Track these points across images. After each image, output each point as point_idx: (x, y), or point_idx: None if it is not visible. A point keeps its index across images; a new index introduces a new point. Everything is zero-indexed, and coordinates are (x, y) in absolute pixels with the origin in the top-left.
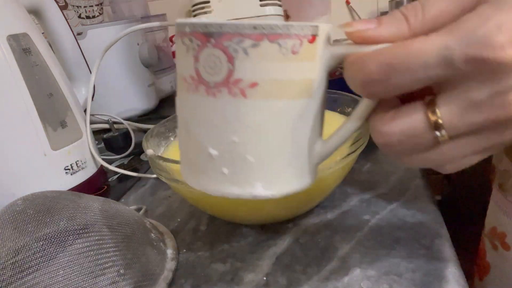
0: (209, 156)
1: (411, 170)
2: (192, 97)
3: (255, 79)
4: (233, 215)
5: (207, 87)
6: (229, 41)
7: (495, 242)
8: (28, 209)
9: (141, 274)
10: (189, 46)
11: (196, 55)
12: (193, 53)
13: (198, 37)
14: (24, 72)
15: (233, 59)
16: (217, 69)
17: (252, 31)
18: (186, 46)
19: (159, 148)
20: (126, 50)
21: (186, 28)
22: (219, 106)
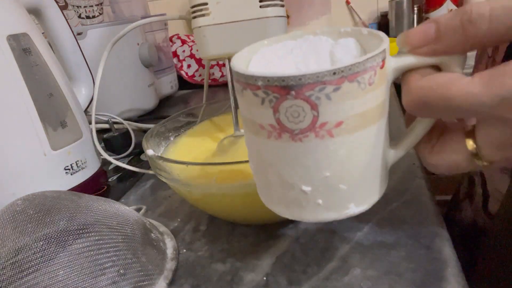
0: (302, 192)
1: (411, 170)
2: (275, 144)
3: (340, 118)
4: (233, 215)
5: (291, 134)
6: (310, 91)
7: None
8: (28, 209)
9: (141, 274)
10: (264, 98)
11: (275, 107)
12: (270, 105)
13: (276, 90)
14: (24, 72)
15: (316, 106)
16: (301, 117)
17: (332, 77)
18: (260, 98)
19: (159, 148)
20: (126, 50)
21: (258, 82)
22: (307, 149)
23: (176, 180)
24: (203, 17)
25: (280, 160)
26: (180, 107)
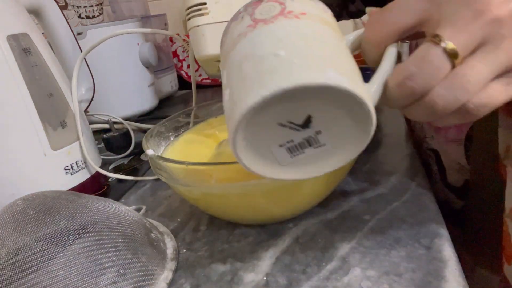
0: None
1: (411, 170)
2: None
3: (303, 10)
4: (233, 215)
5: (265, 21)
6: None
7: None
8: (28, 209)
9: (141, 274)
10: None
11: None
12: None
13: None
14: (24, 72)
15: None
16: (272, 11)
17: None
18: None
19: (159, 148)
20: (126, 50)
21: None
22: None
23: (176, 180)
24: (201, 16)
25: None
26: (180, 107)
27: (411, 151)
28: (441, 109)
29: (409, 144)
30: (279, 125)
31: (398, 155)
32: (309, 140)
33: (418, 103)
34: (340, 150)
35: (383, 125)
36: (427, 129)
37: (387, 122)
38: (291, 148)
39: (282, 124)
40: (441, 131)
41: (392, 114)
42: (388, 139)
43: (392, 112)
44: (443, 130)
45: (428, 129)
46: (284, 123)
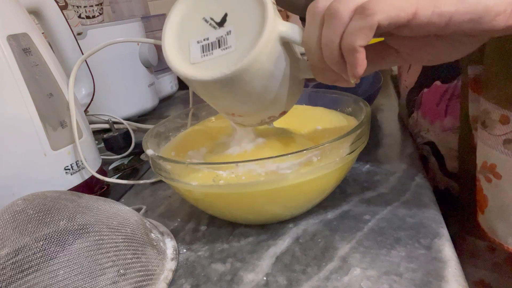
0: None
1: (411, 170)
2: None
3: None
4: (233, 215)
5: None
6: None
7: (488, 175)
8: (28, 209)
9: (141, 274)
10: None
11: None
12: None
13: None
14: (24, 72)
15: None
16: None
17: None
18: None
19: (159, 148)
20: (126, 50)
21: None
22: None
23: (176, 180)
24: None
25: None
26: (180, 107)
27: (411, 151)
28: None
29: (409, 144)
30: (203, 20)
31: (398, 155)
32: (220, 40)
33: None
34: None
35: (383, 125)
36: (422, 122)
37: (387, 122)
38: (204, 46)
39: (206, 19)
40: (436, 122)
41: (392, 114)
42: (388, 139)
43: (392, 112)
44: (438, 119)
45: (423, 123)
46: (207, 19)
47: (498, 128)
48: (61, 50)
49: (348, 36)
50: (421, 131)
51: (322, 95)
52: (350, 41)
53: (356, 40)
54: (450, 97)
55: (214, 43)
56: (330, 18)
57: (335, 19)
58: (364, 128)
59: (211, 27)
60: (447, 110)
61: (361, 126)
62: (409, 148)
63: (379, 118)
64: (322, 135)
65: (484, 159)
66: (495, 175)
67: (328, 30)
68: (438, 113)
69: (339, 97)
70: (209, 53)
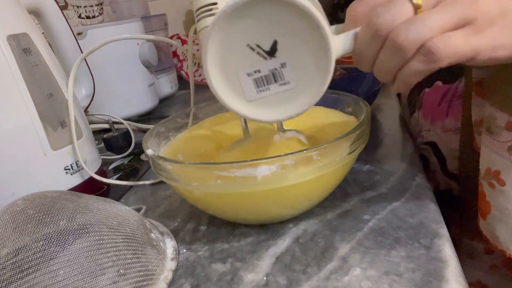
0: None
1: (411, 170)
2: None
3: None
4: (233, 215)
5: None
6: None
7: (491, 181)
8: (28, 209)
9: (141, 274)
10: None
11: None
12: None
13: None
14: (24, 72)
15: None
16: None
17: None
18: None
19: (159, 148)
20: (126, 50)
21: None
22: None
23: (176, 180)
24: (212, 16)
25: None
26: (180, 107)
27: (411, 151)
28: (403, 43)
29: (409, 144)
30: (248, 47)
31: (398, 155)
32: (274, 74)
33: (384, 47)
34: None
35: (383, 125)
36: (422, 122)
37: (387, 122)
38: (258, 80)
39: (251, 46)
40: (437, 122)
41: (392, 114)
42: (388, 139)
43: (392, 112)
44: (440, 120)
45: (424, 123)
46: (253, 46)
47: (504, 135)
48: (61, 50)
49: (407, 74)
50: (422, 131)
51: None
52: (408, 80)
53: (414, 80)
54: (451, 98)
55: (268, 76)
56: (393, 51)
57: (398, 55)
58: (364, 128)
59: (260, 56)
60: (448, 110)
61: (361, 126)
62: (409, 148)
63: (379, 118)
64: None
65: (488, 165)
66: (499, 182)
67: (388, 60)
68: (439, 113)
69: (339, 97)
70: (265, 88)
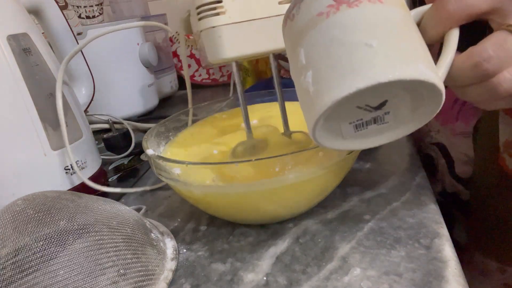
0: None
1: (411, 170)
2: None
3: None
4: (233, 215)
5: (348, 4)
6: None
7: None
8: (28, 209)
9: (141, 274)
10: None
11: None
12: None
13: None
14: (24, 72)
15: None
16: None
17: None
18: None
19: (159, 148)
20: (126, 50)
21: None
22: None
23: (176, 180)
24: (217, 16)
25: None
26: (180, 107)
27: (411, 151)
28: (503, 92)
29: (409, 144)
30: (357, 107)
31: (398, 155)
32: (375, 119)
33: (481, 84)
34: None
35: None
36: (433, 123)
37: None
38: (358, 125)
39: (360, 107)
40: (448, 124)
41: None
42: None
43: None
44: (450, 123)
45: (434, 123)
46: (362, 106)
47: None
48: (61, 50)
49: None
50: (431, 131)
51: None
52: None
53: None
54: (464, 102)
55: (369, 121)
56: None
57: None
58: None
59: (366, 111)
60: (458, 114)
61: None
62: (409, 148)
63: None
64: None
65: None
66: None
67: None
68: (451, 115)
69: None
70: (363, 128)
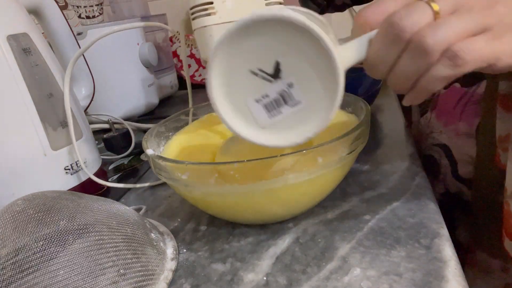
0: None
1: (411, 170)
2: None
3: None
4: (233, 215)
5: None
6: None
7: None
8: (28, 209)
9: (141, 274)
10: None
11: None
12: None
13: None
14: (24, 72)
15: None
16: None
17: None
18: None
19: (159, 148)
20: (126, 50)
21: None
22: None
23: (176, 180)
24: (208, 16)
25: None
26: (180, 107)
27: (411, 151)
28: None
29: (409, 144)
30: (251, 73)
31: (398, 155)
32: (283, 95)
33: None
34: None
35: (383, 125)
36: (434, 124)
37: (387, 122)
38: (268, 105)
39: (254, 72)
40: (451, 125)
41: (392, 114)
42: (388, 139)
43: (392, 112)
44: (453, 123)
45: (437, 124)
46: (255, 71)
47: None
48: (61, 50)
49: (430, 80)
50: (434, 132)
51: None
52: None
53: (437, 86)
54: (467, 101)
55: (278, 99)
56: (417, 53)
57: (423, 58)
58: (364, 128)
59: (265, 80)
60: (461, 115)
61: (361, 126)
62: (409, 148)
63: (379, 118)
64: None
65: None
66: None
67: (411, 65)
68: (454, 116)
69: None
70: (277, 112)
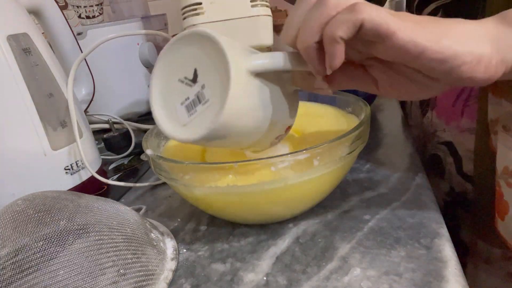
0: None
1: (411, 170)
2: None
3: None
4: (233, 215)
5: None
6: None
7: (509, 180)
8: (28, 209)
9: (141, 274)
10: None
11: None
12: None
13: None
14: (24, 72)
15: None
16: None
17: None
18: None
19: (159, 148)
20: (126, 50)
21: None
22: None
23: (176, 180)
24: (197, 16)
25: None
26: None
27: (411, 151)
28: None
29: (409, 144)
30: (180, 81)
31: (398, 155)
32: (198, 96)
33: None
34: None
35: (383, 125)
36: (437, 122)
37: (387, 122)
38: (188, 106)
39: (181, 80)
40: (453, 122)
41: (392, 114)
42: (388, 139)
43: (392, 112)
44: (455, 120)
45: (438, 122)
46: (182, 79)
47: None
48: (61, 50)
49: (331, 25)
50: (437, 131)
51: (322, 95)
52: (333, 30)
53: (338, 30)
54: (467, 97)
55: (195, 100)
56: (319, 5)
57: (324, 7)
58: (363, 128)
59: (188, 86)
60: (463, 110)
61: (360, 126)
62: (409, 148)
63: (379, 118)
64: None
65: (505, 164)
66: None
67: (314, 12)
68: (454, 113)
69: (339, 96)
70: (194, 111)
